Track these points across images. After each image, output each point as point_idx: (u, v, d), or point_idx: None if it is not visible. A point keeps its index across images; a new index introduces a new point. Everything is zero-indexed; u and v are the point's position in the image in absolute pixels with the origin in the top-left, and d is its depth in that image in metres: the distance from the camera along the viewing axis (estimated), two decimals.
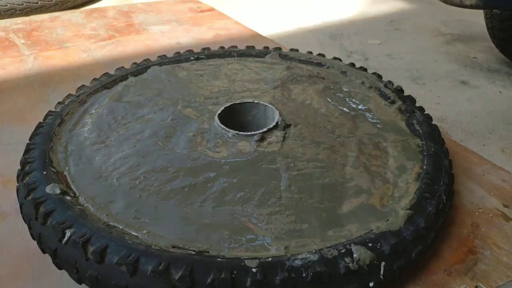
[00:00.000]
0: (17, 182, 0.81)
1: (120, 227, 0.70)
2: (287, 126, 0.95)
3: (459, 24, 2.59)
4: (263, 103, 1.02)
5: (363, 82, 1.14)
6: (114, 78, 1.14)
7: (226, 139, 0.91)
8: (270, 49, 1.33)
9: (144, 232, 0.69)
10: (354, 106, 1.05)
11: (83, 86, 1.10)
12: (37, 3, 2.35)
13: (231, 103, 1.02)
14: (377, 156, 0.88)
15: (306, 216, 0.73)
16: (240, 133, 0.91)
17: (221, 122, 0.94)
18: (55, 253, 0.67)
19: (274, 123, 0.94)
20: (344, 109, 1.04)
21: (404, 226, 0.70)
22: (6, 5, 2.25)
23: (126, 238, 0.67)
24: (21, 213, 0.76)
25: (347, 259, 0.63)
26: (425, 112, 1.02)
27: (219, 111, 0.98)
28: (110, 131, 0.94)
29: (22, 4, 2.30)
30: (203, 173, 0.82)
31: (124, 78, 1.16)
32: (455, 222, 0.82)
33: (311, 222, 0.72)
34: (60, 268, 0.69)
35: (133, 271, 0.62)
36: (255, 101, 1.03)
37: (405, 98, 1.06)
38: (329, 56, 1.29)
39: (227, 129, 0.92)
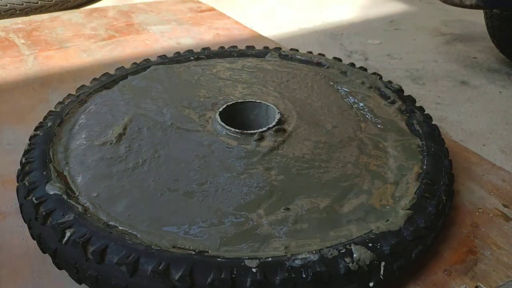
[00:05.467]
0: (17, 182, 0.81)
1: (120, 227, 0.70)
2: (287, 125, 0.95)
3: (459, 24, 2.59)
4: (264, 102, 1.02)
5: (363, 82, 1.14)
6: (114, 78, 1.14)
7: (226, 138, 0.91)
8: (270, 49, 1.33)
9: (144, 232, 0.69)
10: (354, 106, 1.05)
11: (83, 86, 1.10)
12: (37, 3, 2.35)
13: (232, 102, 1.02)
14: (377, 156, 0.88)
15: (306, 216, 0.73)
16: (240, 131, 0.91)
17: (223, 121, 0.94)
18: (55, 253, 0.67)
19: (274, 123, 0.94)
20: (344, 109, 1.04)
21: (404, 226, 0.70)
22: (6, 5, 2.25)
23: (126, 238, 0.67)
24: (21, 213, 0.76)
25: (347, 259, 0.63)
26: (425, 112, 1.02)
27: (220, 110, 0.98)
28: (110, 132, 0.94)
29: (22, 4, 2.30)
30: (202, 173, 0.82)
31: (124, 78, 1.16)
32: (455, 222, 0.82)
33: (311, 222, 0.72)
34: (60, 268, 0.69)
35: (133, 271, 0.62)
36: (257, 101, 1.03)
37: (405, 98, 1.06)
38: (329, 56, 1.29)
39: (228, 128, 0.92)
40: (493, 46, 2.02)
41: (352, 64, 1.22)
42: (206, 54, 1.30)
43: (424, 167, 0.83)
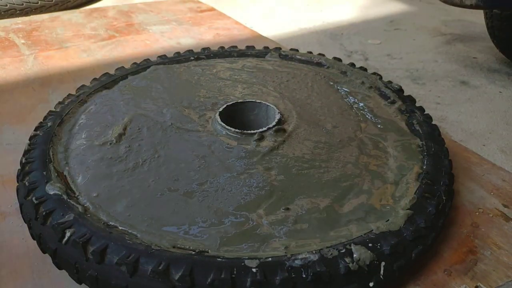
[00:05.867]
0: (17, 182, 0.81)
1: (120, 227, 0.70)
2: (287, 125, 0.95)
3: (459, 24, 2.59)
4: (264, 102, 1.02)
5: (363, 82, 1.14)
6: (114, 78, 1.14)
7: (226, 138, 0.91)
8: (270, 49, 1.33)
9: (144, 232, 0.69)
10: (354, 106, 1.05)
11: (83, 86, 1.10)
12: (37, 3, 2.35)
13: (232, 102, 1.02)
14: (377, 156, 0.88)
15: (306, 216, 0.73)
16: (240, 131, 0.91)
17: (223, 121, 0.94)
18: (55, 253, 0.67)
19: (274, 123, 0.94)
20: (344, 109, 1.04)
21: (404, 226, 0.70)
22: (6, 5, 2.25)
23: (126, 238, 0.67)
24: (21, 213, 0.76)
25: (347, 259, 0.63)
26: (425, 112, 1.02)
27: (220, 110, 0.98)
28: (110, 132, 0.94)
29: (22, 4, 2.30)
30: (202, 173, 0.82)
31: (124, 78, 1.16)
32: (455, 222, 0.82)
33: (311, 222, 0.72)
34: (60, 268, 0.69)
35: (133, 271, 0.62)
36: (257, 101, 1.03)
37: (405, 98, 1.06)
38: (329, 56, 1.29)
39: (228, 128, 0.92)
40: (493, 46, 2.02)
41: (352, 64, 1.22)
42: (206, 54, 1.30)
43: (424, 167, 0.83)
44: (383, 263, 0.65)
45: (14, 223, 0.83)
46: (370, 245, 0.66)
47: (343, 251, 0.65)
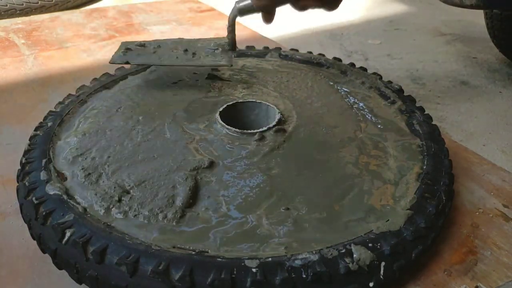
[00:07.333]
0: (17, 182, 0.81)
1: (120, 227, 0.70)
2: (288, 125, 0.95)
3: (459, 24, 2.59)
4: (265, 102, 1.02)
5: (363, 82, 1.14)
6: (114, 78, 1.14)
7: (226, 138, 0.91)
8: (270, 49, 1.33)
9: (144, 232, 0.69)
10: (354, 106, 1.05)
11: (83, 86, 1.10)
12: (37, 3, 2.35)
13: (232, 102, 1.02)
14: (377, 156, 0.88)
15: (306, 216, 0.73)
16: (240, 131, 0.91)
17: (223, 121, 0.94)
18: (55, 253, 0.67)
19: (274, 123, 0.94)
20: (344, 109, 1.04)
21: (404, 226, 0.70)
22: (6, 5, 2.25)
23: (126, 238, 0.67)
24: (21, 213, 0.76)
25: (347, 259, 0.63)
26: (425, 112, 1.02)
27: (220, 109, 0.98)
28: (110, 131, 0.94)
29: (22, 4, 2.30)
30: (202, 175, 0.82)
31: (124, 78, 1.16)
32: (455, 222, 0.82)
33: (311, 222, 0.72)
34: (60, 268, 0.69)
35: (133, 271, 0.62)
36: (257, 101, 1.03)
37: (405, 98, 1.06)
38: (329, 56, 1.29)
39: (228, 128, 0.92)
40: (493, 46, 2.03)
41: (352, 64, 1.22)
42: None
43: (424, 167, 0.83)
44: (383, 263, 0.65)
45: (14, 223, 0.83)
46: (370, 245, 0.66)
47: (343, 251, 0.65)
